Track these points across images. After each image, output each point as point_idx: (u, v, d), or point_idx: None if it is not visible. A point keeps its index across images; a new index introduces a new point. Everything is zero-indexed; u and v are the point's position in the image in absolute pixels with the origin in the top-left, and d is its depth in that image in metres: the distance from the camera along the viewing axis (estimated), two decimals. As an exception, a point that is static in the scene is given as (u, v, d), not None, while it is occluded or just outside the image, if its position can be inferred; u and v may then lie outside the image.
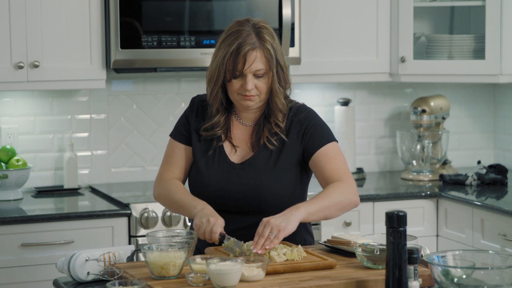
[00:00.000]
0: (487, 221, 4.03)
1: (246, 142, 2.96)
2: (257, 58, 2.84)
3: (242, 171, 2.90)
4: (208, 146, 2.95)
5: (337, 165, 2.89)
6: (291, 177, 2.92)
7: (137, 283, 2.36)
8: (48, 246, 3.79)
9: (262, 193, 2.87)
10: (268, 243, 2.64)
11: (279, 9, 4.20)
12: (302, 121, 2.94)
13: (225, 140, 2.95)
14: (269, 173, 2.90)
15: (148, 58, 4.08)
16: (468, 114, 5.07)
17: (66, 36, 4.05)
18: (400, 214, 2.31)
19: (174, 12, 4.09)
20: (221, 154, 2.93)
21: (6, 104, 4.31)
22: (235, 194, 2.89)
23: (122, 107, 4.49)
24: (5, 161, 4.11)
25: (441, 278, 2.32)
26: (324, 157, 2.89)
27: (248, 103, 2.89)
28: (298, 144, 2.93)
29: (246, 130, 2.97)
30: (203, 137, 2.95)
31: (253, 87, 2.86)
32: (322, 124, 2.96)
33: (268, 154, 2.91)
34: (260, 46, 2.85)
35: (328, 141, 2.92)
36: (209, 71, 2.93)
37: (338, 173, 2.88)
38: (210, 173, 2.91)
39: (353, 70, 4.51)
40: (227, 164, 2.92)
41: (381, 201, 4.26)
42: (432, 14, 4.88)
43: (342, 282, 2.48)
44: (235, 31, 2.87)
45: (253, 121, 2.97)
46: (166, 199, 2.97)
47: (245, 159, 2.93)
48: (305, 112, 2.97)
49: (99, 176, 4.47)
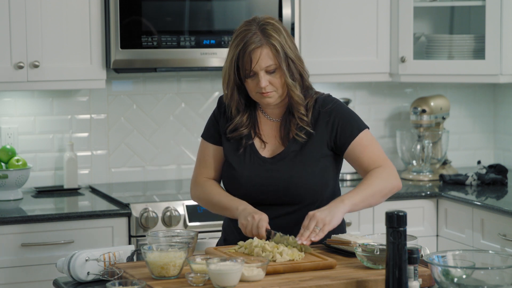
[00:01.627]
0: (487, 221, 4.03)
1: (275, 137, 3.01)
2: (263, 55, 2.87)
3: (273, 165, 2.96)
4: (238, 144, 3.00)
5: (373, 153, 2.96)
6: (322, 168, 2.97)
7: (137, 283, 2.36)
8: (48, 246, 3.79)
9: (294, 185, 2.93)
10: (314, 236, 2.74)
11: (279, 9, 4.20)
12: (330, 112, 2.98)
13: (255, 137, 3.00)
14: (300, 165, 2.94)
15: (148, 58, 4.08)
16: (468, 114, 5.07)
17: (66, 36, 4.05)
18: (400, 214, 2.31)
19: (174, 12, 4.09)
20: (252, 150, 2.99)
21: (6, 104, 4.31)
22: (268, 188, 2.94)
23: (122, 107, 4.49)
24: (5, 161, 4.11)
25: (441, 278, 2.32)
26: (358, 147, 2.95)
27: (267, 100, 2.93)
28: (328, 135, 2.97)
29: (274, 126, 3.02)
30: (231, 137, 3.01)
31: (267, 84, 2.90)
32: (350, 114, 3.01)
33: (298, 147, 2.96)
34: (266, 43, 2.88)
35: (359, 130, 2.97)
36: (222, 74, 2.98)
37: (376, 160, 2.95)
38: (243, 170, 2.97)
39: (353, 70, 4.51)
40: (259, 159, 2.97)
41: (381, 201, 4.26)
42: (432, 14, 4.88)
43: (342, 282, 2.48)
44: (242, 31, 2.91)
45: (279, 116, 3.02)
46: (205, 201, 3.06)
47: (275, 154, 2.98)
48: (332, 103, 3.00)
49: (99, 176, 4.47)
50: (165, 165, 4.57)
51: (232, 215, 2.95)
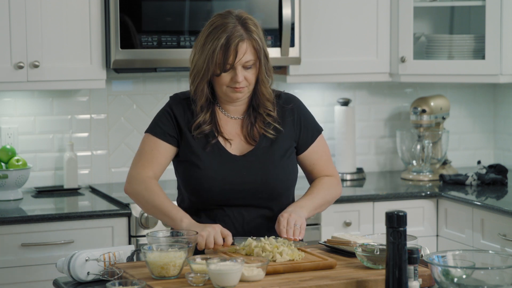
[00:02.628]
0: (487, 221, 4.03)
1: (238, 135, 2.97)
2: (247, 50, 2.86)
3: (246, 163, 2.92)
4: (204, 143, 2.94)
5: (326, 162, 3.07)
6: (292, 163, 2.99)
7: (137, 283, 2.36)
8: (48, 246, 3.79)
9: (271, 183, 2.92)
10: (298, 233, 2.78)
11: (279, 9, 4.20)
12: (293, 110, 3.01)
13: (218, 136, 2.95)
14: (273, 161, 2.94)
15: (148, 58, 4.08)
16: (468, 114, 5.07)
17: (66, 36, 4.05)
18: (400, 214, 2.31)
19: (174, 12, 4.09)
20: (220, 149, 2.94)
21: (6, 104, 4.31)
22: (243, 186, 2.91)
23: (122, 107, 4.49)
24: (5, 161, 4.11)
25: (441, 278, 2.32)
26: (315, 154, 3.05)
27: (238, 95, 2.91)
28: (294, 132, 3.00)
29: (235, 123, 2.99)
30: (196, 135, 2.94)
31: (243, 79, 2.88)
32: (310, 114, 3.08)
33: (268, 143, 2.95)
34: (248, 37, 2.87)
35: (318, 132, 3.06)
36: (194, 67, 2.91)
37: (327, 169, 3.06)
38: (214, 168, 2.91)
39: (353, 70, 4.51)
40: (229, 158, 2.93)
41: (381, 201, 4.27)
42: (432, 14, 4.88)
43: (342, 282, 2.48)
44: (220, 25, 2.87)
45: (241, 114, 2.99)
46: (144, 200, 2.92)
47: (246, 151, 2.95)
48: (295, 101, 3.05)
49: (99, 176, 4.47)
50: (165, 165, 4.56)
51: (173, 225, 2.85)
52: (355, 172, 4.68)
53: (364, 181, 4.65)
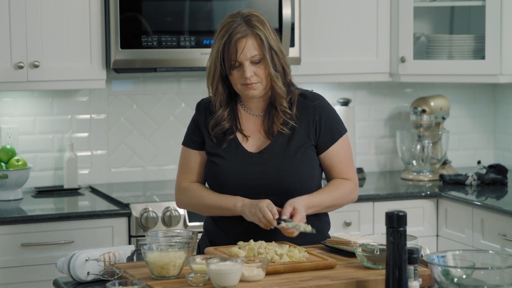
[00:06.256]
0: (487, 221, 4.03)
1: (259, 131, 3.01)
2: (248, 45, 2.89)
3: (261, 159, 2.95)
4: (221, 140, 2.99)
5: (346, 166, 3.04)
6: (309, 158, 2.99)
7: (137, 283, 2.36)
8: (48, 246, 3.79)
9: (285, 179, 2.94)
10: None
11: (279, 9, 4.20)
12: (317, 108, 3.02)
13: (237, 132, 2.99)
14: (289, 158, 2.95)
15: (148, 58, 4.08)
16: (468, 114, 5.07)
17: (66, 36, 4.05)
18: (400, 214, 2.31)
19: (174, 12, 4.09)
20: (237, 145, 2.98)
21: (6, 104, 4.31)
22: (257, 182, 2.93)
23: (122, 107, 4.49)
24: (5, 161, 4.11)
25: (441, 278, 2.32)
26: (336, 156, 3.02)
27: (252, 92, 2.93)
28: (313, 130, 2.99)
29: (256, 120, 3.02)
30: (214, 134, 2.99)
31: (252, 74, 2.91)
32: (335, 115, 3.06)
33: (285, 140, 2.97)
34: (251, 33, 2.91)
35: (340, 134, 3.03)
36: (207, 66, 2.99)
37: (346, 173, 3.03)
38: (229, 164, 2.96)
39: (353, 70, 4.51)
40: (245, 154, 2.97)
41: (381, 201, 4.27)
42: (432, 14, 4.88)
43: (342, 282, 2.48)
44: (227, 23, 2.94)
45: (262, 111, 3.02)
46: (196, 205, 3.03)
47: (262, 148, 2.97)
48: (320, 99, 3.05)
49: (99, 176, 4.47)
50: (165, 165, 4.57)
51: (232, 213, 2.93)
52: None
53: (364, 181, 4.65)
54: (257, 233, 2.88)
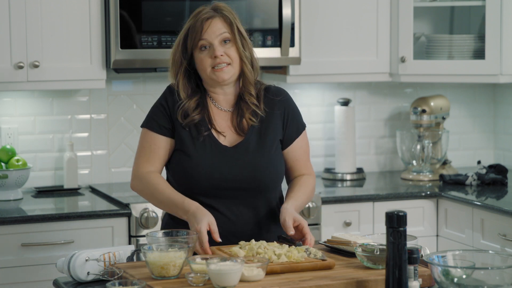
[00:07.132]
0: (487, 221, 4.03)
1: (229, 127, 2.98)
2: (215, 23, 2.90)
3: (236, 154, 2.93)
4: (197, 133, 2.94)
5: (306, 160, 3.07)
6: (279, 154, 3.00)
7: (137, 283, 2.36)
8: (48, 246, 3.79)
9: (260, 174, 2.93)
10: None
11: (279, 9, 4.20)
12: (282, 102, 3.02)
13: (212, 128, 2.96)
14: (263, 152, 2.94)
15: (148, 58, 4.08)
16: (468, 114, 5.07)
17: (66, 36, 4.05)
18: (400, 214, 2.31)
19: (174, 12, 4.09)
20: (212, 139, 2.94)
21: (6, 104, 4.31)
22: (231, 177, 2.90)
23: (122, 107, 4.49)
24: (5, 161, 4.11)
25: (441, 278, 2.33)
26: (299, 150, 3.04)
27: (222, 75, 2.91)
28: (281, 125, 3.00)
29: (226, 116, 2.99)
30: (185, 124, 2.94)
31: (223, 53, 2.89)
32: (297, 109, 3.08)
33: (257, 135, 2.96)
34: (218, 15, 2.91)
35: (303, 127, 3.06)
36: (171, 54, 2.97)
37: (306, 167, 3.07)
38: (203, 158, 2.91)
39: (353, 70, 4.51)
40: (221, 148, 2.93)
41: (381, 201, 4.27)
42: (432, 14, 4.88)
43: (342, 282, 2.48)
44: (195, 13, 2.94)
45: (231, 106, 3.00)
46: (150, 195, 2.95)
47: (236, 142, 2.95)
48: (284, 94, 3.05)
49: (99, 176, 4.47)
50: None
51: (180, 216, 2.87)
52: (355, 172, 4.68)
53: (364, 181, 4.65)
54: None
